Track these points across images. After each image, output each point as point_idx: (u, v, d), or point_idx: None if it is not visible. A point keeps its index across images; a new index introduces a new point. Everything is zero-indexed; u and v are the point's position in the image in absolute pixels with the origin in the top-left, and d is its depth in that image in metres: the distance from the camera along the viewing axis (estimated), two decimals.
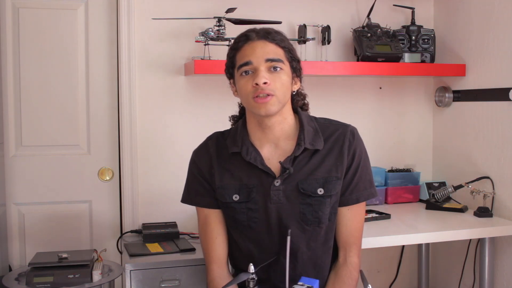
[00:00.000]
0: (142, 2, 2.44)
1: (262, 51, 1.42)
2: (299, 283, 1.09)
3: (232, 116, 1.67)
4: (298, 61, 1.51)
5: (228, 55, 1.51)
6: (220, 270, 1.56)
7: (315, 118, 1.59)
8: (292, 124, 1.53)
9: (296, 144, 1.50)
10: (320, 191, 1.48)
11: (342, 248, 1.57)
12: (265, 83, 1.40)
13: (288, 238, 1.25)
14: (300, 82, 1.55)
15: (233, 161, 1.52)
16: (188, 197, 1.62)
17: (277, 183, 1.48)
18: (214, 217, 1.57)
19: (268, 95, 1.41)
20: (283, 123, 1.51)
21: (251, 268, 1.15)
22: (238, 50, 1.46)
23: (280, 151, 1.51)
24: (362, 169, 1.54)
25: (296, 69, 1.50)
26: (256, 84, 1.40)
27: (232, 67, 1.49)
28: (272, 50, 1.43)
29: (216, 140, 1.59)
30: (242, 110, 1.63)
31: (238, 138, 1.53)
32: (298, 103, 1.59)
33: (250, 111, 1.49)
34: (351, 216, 1.54)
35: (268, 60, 1.42)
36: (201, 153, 1.59)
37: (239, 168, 1.51)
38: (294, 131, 1.53)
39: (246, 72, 1.43)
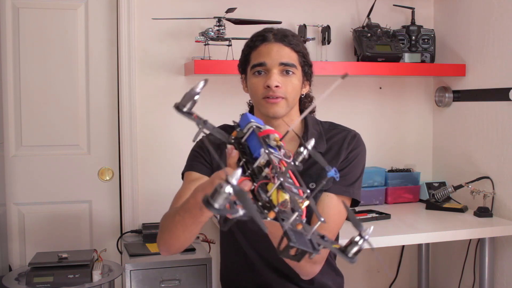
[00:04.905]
0: (142, 2, 2.44)
1: (277, 54, 1.44)
2: (252, 120, 0.92)
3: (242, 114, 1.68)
4: (310, 65, 1.53)
5: (243, 51, 1.53)
6: None
7: (321, 122, 1.60)
8: (298, 126, 1.55)
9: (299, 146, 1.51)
10: (312, 185, 1.49)
11: None
12: (277, 86, 1.42)
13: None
14: (310, 85, 1.57)
15: None
16: (184, 168, 1.56)
17: None
18: (203, 179, 1.45)
19: (278, 97, 1.43)
20: (289, 125, 1.51)
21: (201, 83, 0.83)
22: (254, 48, 1.48)
23: None
24: (351, 167, 1.52)
25: (307, 73, 1.52)
26: (268, 86, 1.43)
27: (246, 64, 1.52)
28: (287, 54, 1.45)
29: (224, 130, 1.59)
30: (251, 109, 1.64)
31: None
32: (306, 105, 1.60)
33: (258, 110, 1.51)
34: (330, 201, 1.49)
35: (282, 64, 1.44)
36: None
37: None
38: (299, 133, 1.55)
39: (259, 72, 1.46)
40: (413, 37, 2.64)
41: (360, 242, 0.72)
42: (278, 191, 0.77)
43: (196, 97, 0.83)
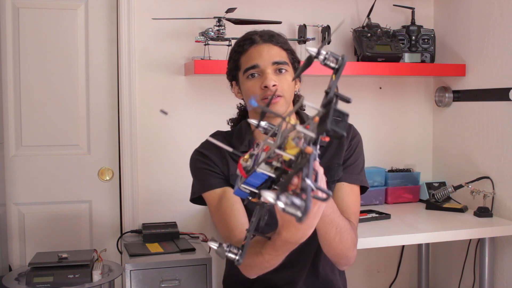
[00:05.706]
0: (142, 2, 2.44)
1: (268, 54, 1.45)
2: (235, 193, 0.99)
3: (230, 119, 1.67)
4: (299, 62, 1.54)
5: (231, 57, 1.52)
6: (243, 235, 1.43)
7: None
8: (294, 123, 1.55)
9: None
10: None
11: None
12: (274, 85, 1.42)
13: None
14: (300, 82, 1.58)
15: None
16: (198, 189, 1.54)
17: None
18: (229, 191, 1.48)
19: (277, 96, 1.43)
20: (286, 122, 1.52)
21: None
22: (243, 53, 1.48)
23: None
24: (356, 155, 1.56)
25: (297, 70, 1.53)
26: (265, 86, 1.42)
27: (236, 70, 1.51)
28: (277, 53, 1.46)
29: (222, 137, 1.59)
30: (241, 112, 1.64)
31: (245, 137, 1.54)
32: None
33: (256, 113, 1.49)
34: (346, 190, 1.52)
35: (274, 63, 1.45)
36: (208, 146, 1.55)
37: None
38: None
39: (252, 75, 1.46)
40: (413, 37, 2.64)
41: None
42: (284, 149, 0.87)
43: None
